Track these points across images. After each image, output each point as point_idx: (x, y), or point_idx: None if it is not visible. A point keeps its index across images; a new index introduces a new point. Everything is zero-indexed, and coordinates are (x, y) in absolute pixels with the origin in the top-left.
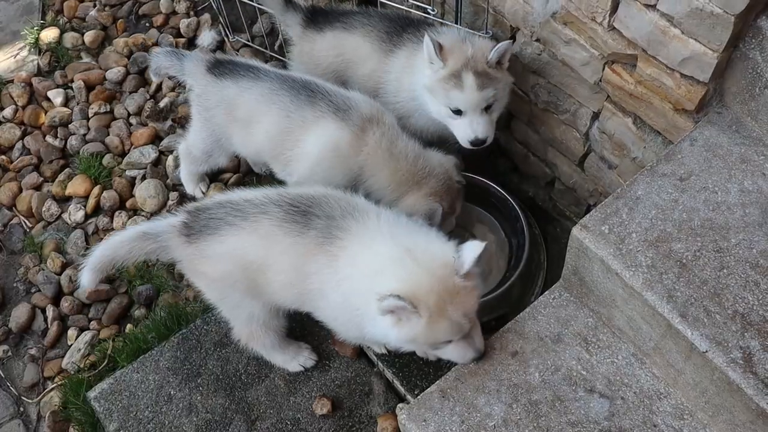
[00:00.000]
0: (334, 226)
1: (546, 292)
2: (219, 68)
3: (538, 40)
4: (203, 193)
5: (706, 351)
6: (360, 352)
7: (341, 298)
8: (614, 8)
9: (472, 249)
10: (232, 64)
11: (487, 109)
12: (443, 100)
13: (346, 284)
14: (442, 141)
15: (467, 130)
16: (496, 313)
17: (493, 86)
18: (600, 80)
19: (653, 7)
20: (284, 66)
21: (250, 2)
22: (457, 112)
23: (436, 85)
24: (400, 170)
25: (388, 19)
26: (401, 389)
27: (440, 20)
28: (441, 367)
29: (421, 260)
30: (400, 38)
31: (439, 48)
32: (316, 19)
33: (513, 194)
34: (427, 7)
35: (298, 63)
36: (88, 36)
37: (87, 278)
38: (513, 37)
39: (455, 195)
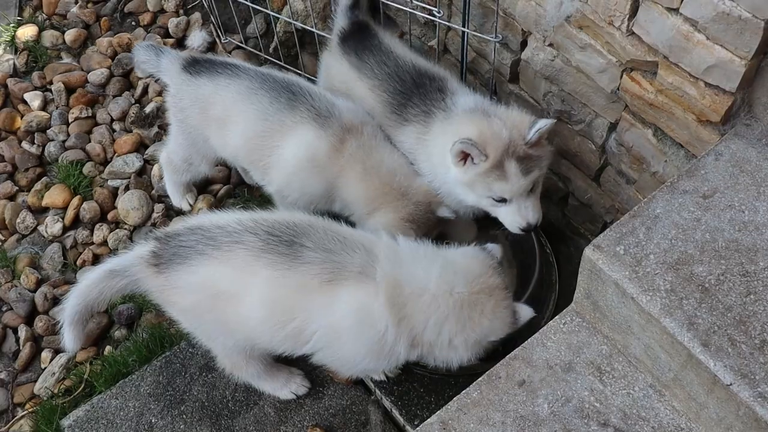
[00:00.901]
0: (337, 261)
1: (556, 317)
2: (195, 66)
3: (551, 45)
4: (190, 205)
5: (731, 384)
6: (356, 379)
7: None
8: (633, 12)
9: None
10: (209, 63)
11: (533, 188)
12: (484, 192)
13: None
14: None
15: (516, 217)
16: (504, 338)
17: (538, 167)
18: (617, 89)
19: (676, 10)
20: (280, 71)
21: (244, 1)
22: (502, 200)
23: (475, 181)
24: (372, 185)
25: (398, 79)
26: (400, 419)
27: (447, 23)
28: (443, 395)
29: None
30: (406, 111)
31: (472, 145)
32: (348, 38)
33: None
34: (433, 9)
35: (321, 72)
36: (69, 34)
37: (69, 339)
38: (524, 42)
39: (432, 226)
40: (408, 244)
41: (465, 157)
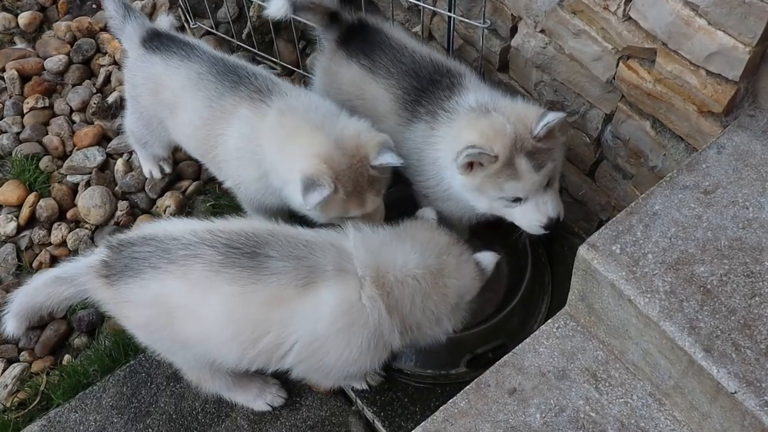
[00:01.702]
0: (308, 265)
1: (549, 321)
2: (153, 41)
3: (542, 31)
4: (162, 174)
5: (735, 392)
6: (336, 389)
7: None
8: None
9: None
10: (168, 40)
11: (549, 182)
12: (496, 194)
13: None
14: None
15: (535, 215)
16: (493, 344)
17: (551, 159)
18: (613, 78)
19: None
20: (253, 59)
21: None
22: (516, 200)
23: (484, 183)
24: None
25: (414, 75)
26: (383, 431)
27: (432, 8)
28: (428, 405)
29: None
30: (415, 108)
31: (480, 152)
32: (349, 41)
33: None
34: None
35: (321, 78)
36: (23, 17)
37: (12, 325)
38: (514, 28)
39: (366, 183)
40: (372, 231)
41: (471, 164)
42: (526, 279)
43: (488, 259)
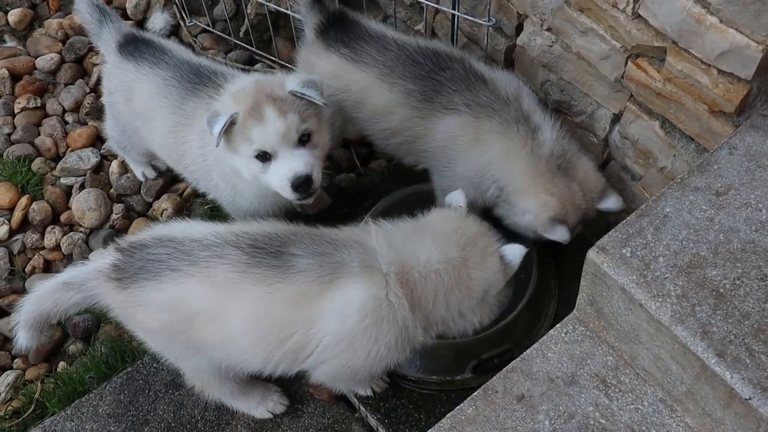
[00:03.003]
0: (334, 262)
1: (557, 325)
2: (128, 47)
3: (549, 29)
4: (156, 173)
5: (750, 398)
6: (339, 396)
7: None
8: None
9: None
10: (144, 44)
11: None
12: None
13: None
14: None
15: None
16: (498, 349)
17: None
18: (622, 77)
19: None
20: (251, 57)
21: None
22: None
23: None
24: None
25: (411, 62)
26: None
27: (436, 5)
28: (434, 411)
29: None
30: (441, 97)
31: None
32: (329, 30)
33: None
34: None
35: (303, 69)
36: (14, 15)
37: (24, 336)
38: (520, 27)
39: (265, 100)
40: (393, 225)
41: None
42: (532, 283)
43: (514, 252)
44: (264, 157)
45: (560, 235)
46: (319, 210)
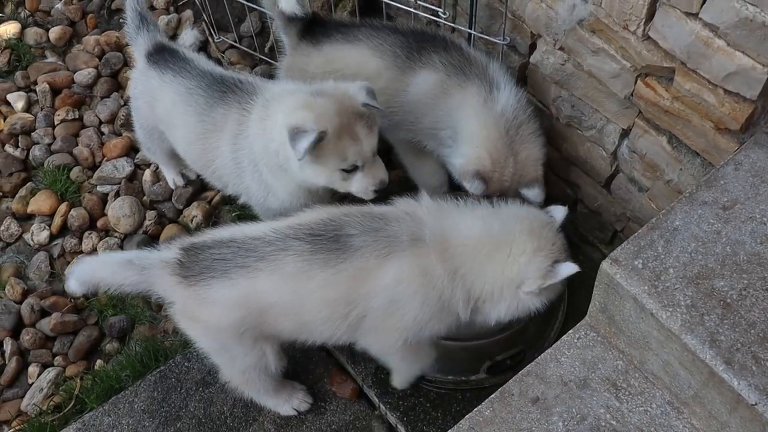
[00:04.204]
0: (387, 236)
1: (570, 331)
2: (155, 55)
3: (561, 48)
4: (184, 182)
5: (756, 404)
6: (360, 393)
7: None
8: (650, 16)
9: (560, 211)
10: (169, 53)
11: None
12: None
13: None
14: None
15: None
16: (512, 351)
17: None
18: (631, 94)
19: (695, 15)
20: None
21: None
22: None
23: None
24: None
25: (398, 32)
26: None
27: (452, 24)
28: (450, 410)
29: None
30: (422, 56)
31: None
32: (314, 29)
33: None
34: (438, 9)
35: (287, 76)
36: (54, 32)
37: (74, 285)
38: (533, 45)
39: (352, 117)
40: (450, 201)
41: None
42: None
43: (566, 267)
44: (353, 169)
45: (474, 188)
46: None
